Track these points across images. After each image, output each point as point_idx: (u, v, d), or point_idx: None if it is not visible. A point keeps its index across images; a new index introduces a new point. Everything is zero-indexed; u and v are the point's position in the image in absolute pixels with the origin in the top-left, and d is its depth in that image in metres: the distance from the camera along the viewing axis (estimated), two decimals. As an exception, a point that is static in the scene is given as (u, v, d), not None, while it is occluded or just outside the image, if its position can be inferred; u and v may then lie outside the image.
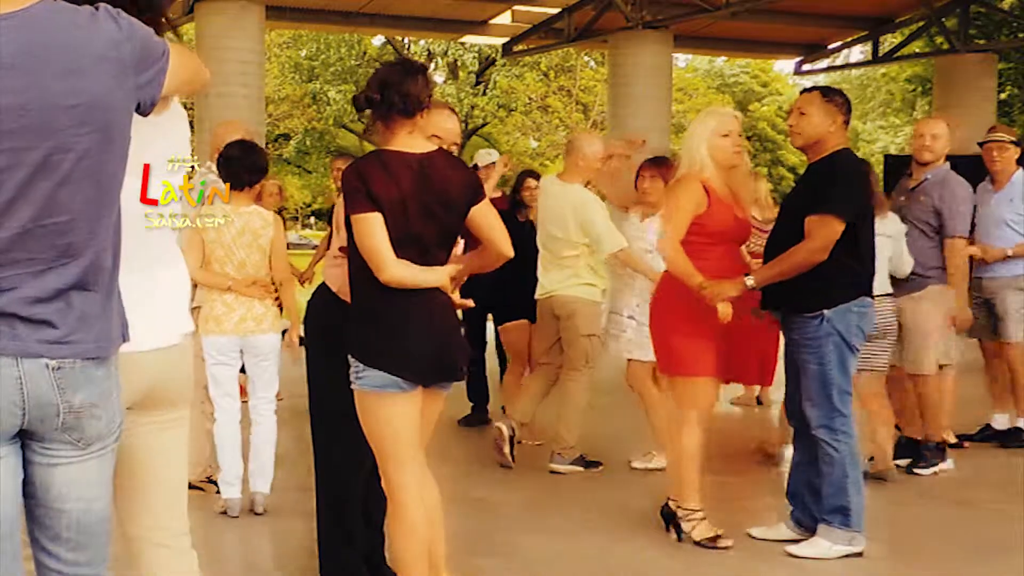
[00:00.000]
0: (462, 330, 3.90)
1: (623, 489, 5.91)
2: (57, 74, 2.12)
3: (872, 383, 6.01)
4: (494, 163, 7.69)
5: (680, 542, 4.87)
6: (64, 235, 2.16)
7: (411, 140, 3.58)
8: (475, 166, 8.07)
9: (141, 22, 2.29)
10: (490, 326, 7.90)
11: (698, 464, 4.89)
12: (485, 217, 3.66)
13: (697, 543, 4.84)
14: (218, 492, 5.54)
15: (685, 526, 4.90)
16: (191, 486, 5.56)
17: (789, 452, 5.45)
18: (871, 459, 5.97)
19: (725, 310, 4.67)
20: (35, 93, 2.10)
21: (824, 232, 4.59)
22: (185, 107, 2.77)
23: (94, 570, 2.34)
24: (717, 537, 4.84)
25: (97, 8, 2.23)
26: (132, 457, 2.65)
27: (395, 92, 3.53)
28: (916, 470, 6.26)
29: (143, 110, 2.30)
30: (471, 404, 7.89)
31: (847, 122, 4.83)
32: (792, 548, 4.76)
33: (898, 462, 6.25)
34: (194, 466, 5.53)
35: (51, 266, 2.16)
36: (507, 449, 6.39)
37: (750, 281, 4.74)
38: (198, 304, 5.26)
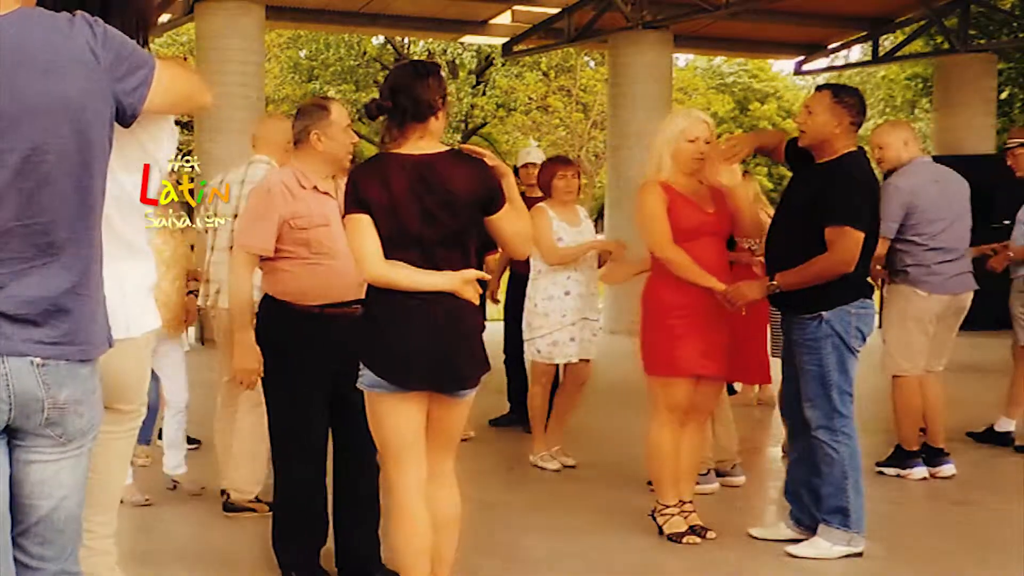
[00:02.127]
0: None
1: (623, 489, 5.91)
2: (35, 77, 2.16)
3: None
4: (534, 162, 7.48)
5: (679, 543, 4.88)
6: (45, 235, 2.20)
7: (421, 144, 3.54)
8: (514, 167, 7.99)
9: (121, 31, 2.33)
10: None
11: (669, 461, 4.94)
12: (500, 220, 3.59)
13: (670, 537, 4.90)
14: (270, 511, 5.50)
15: (659, 520, 4.97)
16: (239, 508, 5.22)
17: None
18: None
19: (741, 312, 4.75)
20: (13, 95, 2.14)
21: (845, 244, 4.57)
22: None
23: (58, 565, 2.38)
24: (686, 533, 4.90)
25: (74, 14, 2.26)
26: None
27: (405, 97, 3.51)
28: (881, 468, 6.20)
29: (124, 120, 2.32)
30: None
31: (857, 124, 4.71)
32: (792, 548, 4.77)
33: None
34: (251, 482, 5.31)
35: (32, 264, 2.19)
36: None
37: (775, 284, 4.70)
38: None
